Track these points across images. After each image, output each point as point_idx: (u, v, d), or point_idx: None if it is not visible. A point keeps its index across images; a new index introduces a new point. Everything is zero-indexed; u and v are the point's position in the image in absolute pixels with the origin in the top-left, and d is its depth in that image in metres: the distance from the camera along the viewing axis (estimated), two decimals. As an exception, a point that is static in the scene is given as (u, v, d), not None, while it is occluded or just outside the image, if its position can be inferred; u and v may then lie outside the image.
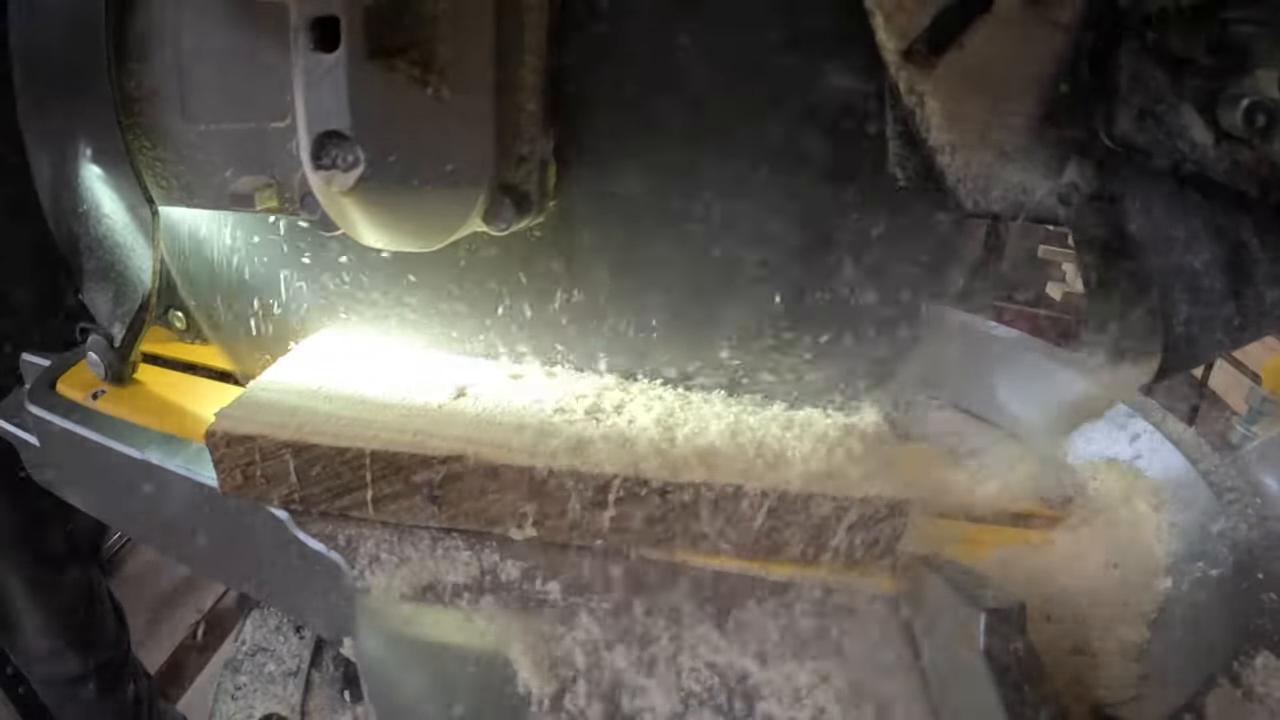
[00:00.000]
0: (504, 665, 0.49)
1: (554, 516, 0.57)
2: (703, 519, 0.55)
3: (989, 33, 0.41)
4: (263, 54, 0.60)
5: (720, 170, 0.57)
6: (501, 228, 0.57)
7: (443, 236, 0.57)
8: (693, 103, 0.56)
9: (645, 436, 0.58)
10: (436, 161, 0.52)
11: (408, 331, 0.71)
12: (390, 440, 0.57)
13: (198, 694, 1.82)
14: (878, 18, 0.42)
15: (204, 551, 0.71)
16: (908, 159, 0.46)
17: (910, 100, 0.42)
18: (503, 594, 0.55)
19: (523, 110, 0.55)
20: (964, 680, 0.44)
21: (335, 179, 0.51)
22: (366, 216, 0.54)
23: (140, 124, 0.68)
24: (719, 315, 0.62)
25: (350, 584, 0.55)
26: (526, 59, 0.53)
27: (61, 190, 0.75)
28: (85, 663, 1.29)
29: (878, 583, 0.55)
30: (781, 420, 0.62)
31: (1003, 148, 0.42)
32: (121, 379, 0.76)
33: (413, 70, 0.49)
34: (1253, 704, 0.45)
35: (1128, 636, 0.52)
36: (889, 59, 0.42)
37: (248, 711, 1.31)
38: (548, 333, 0.67)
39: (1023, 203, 0.43)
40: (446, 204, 0.55)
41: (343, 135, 0.50)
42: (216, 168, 0.66)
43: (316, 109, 0.50)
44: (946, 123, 0.43)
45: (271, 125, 0.62)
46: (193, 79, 0.65)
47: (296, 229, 0.69)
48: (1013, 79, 0.42)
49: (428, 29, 0.49)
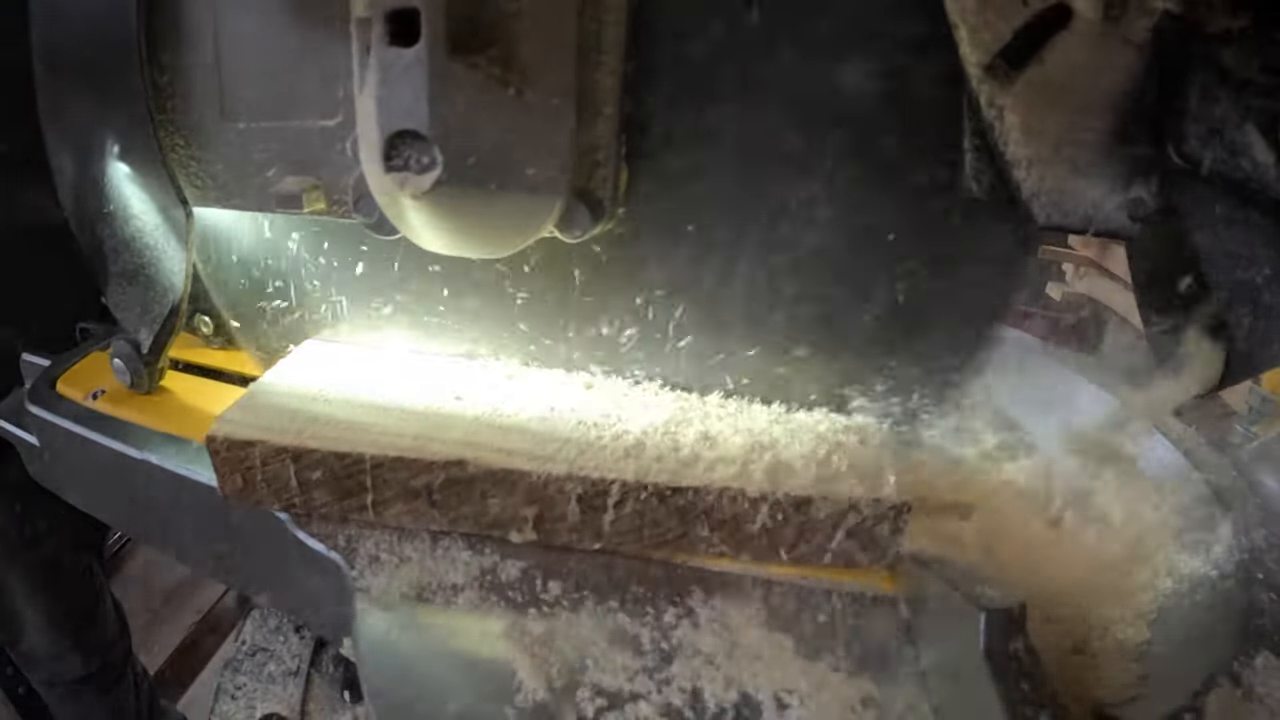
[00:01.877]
0: (503, 665, 0.49)
1: (554, 520, 0.57)
2: (702, 522, 0.55)
3: (1067, 49, 0.41)
4: (312, 48, 0.58)
5: (794, 181, 0.55)
6: (576, 235, 0.54)
7: (514, 243, 0.55)
8: (767, 107, 0.53)
9: (645, 440, 0.58)
10: (516, 165, 0.49)
11: (448, 336, 0.69)
12: (390, 444, 0.57)
13: (198, 694, 1.82)
14: (962, 31, 0.42)
15: (204, 553, 0.71)
16: (983, 172, 0.46)
17: (990, 114, 0.43)
18: (502, 594, 0.55)
19: (600, 113, 0.53)
20: (964, 680, 0.44)
21: (409, 181, 0.48)
22: (436, 221, 0.52)
23: (173, 121, 0.65)
24: (773, 324, 0.60)
25: (350, 584, 0.55)
26: (604, 60, 0.51)
27: (86, 190, 0.72)
28: (86, 663, 1.29)
29: (878, 583, 0.56)
30: (782, 422, 0.62)
31: (1076, 162, 0.43)
32: (148, 386, 0.74)
33: (493, 69, 0.47)
34: (1253, 704, 0.45)
35: (1128, 636, 0.52)
36: (971, 72, 0.43)
37: (248, 711, 1.31)
38: (588, 339, 0.65)
39: (1092, 216, 0.44)
40: (523, 210, 0.52)
41: (419, 135, 0.47)
42: (258, 167, 0.64)
43: (390, 107, 0.47)
44: (1024, 137, 0.43)
45: (320, 124, 0.60)
46: (233, 74, 0.62)
47: (340, 231, 0.67)
48: (1088, 95, 0.42)
49: (510, 25, 0.47)
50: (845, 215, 0.55)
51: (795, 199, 0.55)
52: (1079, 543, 0.61)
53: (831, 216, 0.55)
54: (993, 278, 0.56)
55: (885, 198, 0.54)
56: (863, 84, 0.51)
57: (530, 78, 0.48)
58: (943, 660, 0.48)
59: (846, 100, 0.52)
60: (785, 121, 0.53)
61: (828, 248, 0.57)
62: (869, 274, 0.57)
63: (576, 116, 0.51)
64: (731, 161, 0.55)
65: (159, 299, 0.71)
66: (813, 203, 0.55)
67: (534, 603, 0.54)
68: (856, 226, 0.55)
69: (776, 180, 0.55)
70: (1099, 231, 0.44)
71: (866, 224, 0.55)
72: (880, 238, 0.55)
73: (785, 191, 0.55)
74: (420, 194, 0.47)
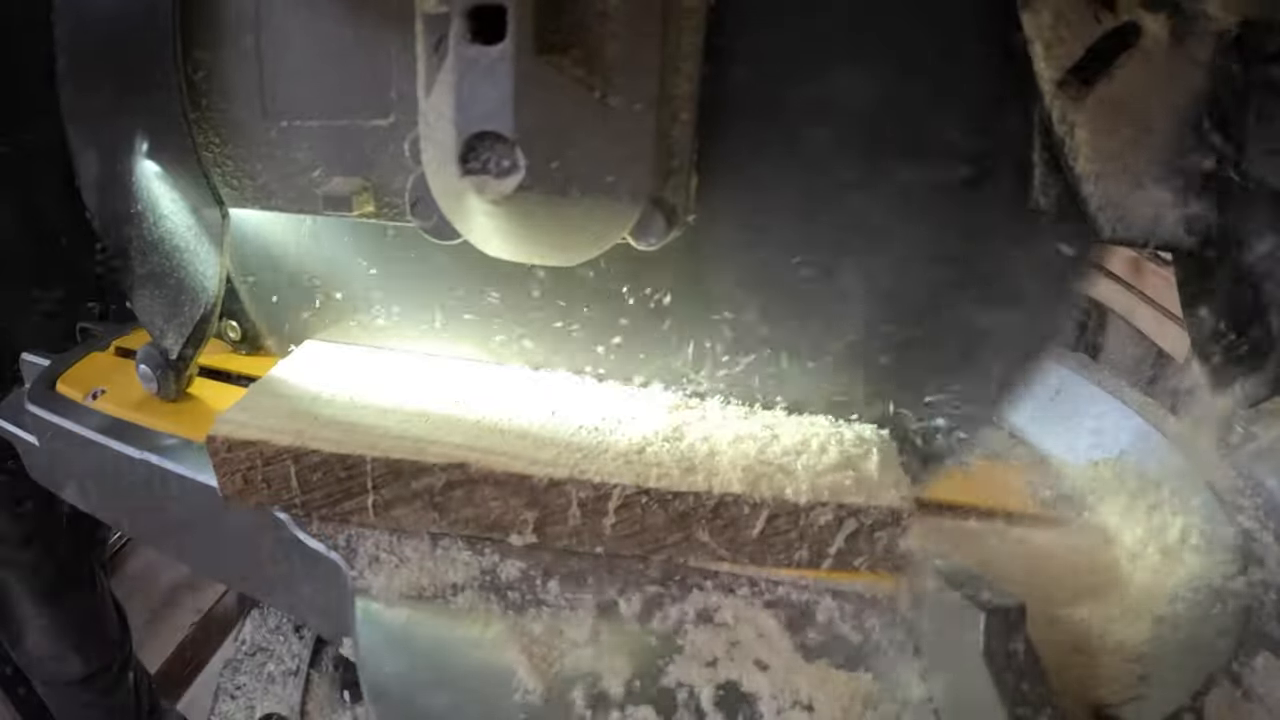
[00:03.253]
0: (503, 665, 0.49)
1: (555, 523, 0.57)
2: (703, 527, 0.55)
3: (1135, 67, 0.42)
4: (364, 44, 0.56)
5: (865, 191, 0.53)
6: (651, 243, 0.53)
7: (589, 251, 0.53)
8: (838, 115, 0.52)
9: (647, 444, 0.58)
10: (598, 171, 0.47)
11: (492, 346, 0.68)
12: (391, 447, 0.57)
13: (198, 694, 1.82)
14: (1037, 47, 0.43)
15: (204, 551, 0.71)
16: (1051, 186, 0.47)
17: (1062, 129, 0.43)
18: (502, 594, 0.55)
19: (677, 119, 0.51)
20: (964, 680, 0.44)
21: (488, 185, 0.45)
22: (510, 227, 0.49)
23: (208, 118, 0.63)
24: (832, 336, 0.59)
25: (350, 584, 0.55)
26: (683, 65, 0.50)
27: (111, 189, 0.69)
28: (88, 665, 1.29)
29: (877, 583, 0.56)
30: (784, 427, 0.62)
31: (1140, 178, 0.44)
32: (175, 394, 0.72)
33: (577, 70, 0.45)
34: (1252, 704, 0.45)
35: (1128, 636, 0.53)
36: (1044, 88, 0.43)
37: (247, 711, 1.32)
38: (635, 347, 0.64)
39: (1154, 230, 0.45)
40: (601, 217, 0.50)
41: (501, 137, 0.44)
42: (301, 168, 0.62)
43: (471, 107, 0.44)
44: (1093, 152, 0.44)
45: (372, 123, 0.58)
46: (276, 70, 0.60)
47: (384, 233, 0.65)
48: (1154, 112, 0.43)
49: (597, 26, 0.45)
50: (907, 229, 0.54)
51: (859, 213, 0.54)
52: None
53: (894, 231, 0.54)
54: (1054, 292, 0.54)
55: (948, 210, 0.53)
56: (933, 95, 0.50)
57: (614, 81, 0.46)
58: (943, 660, 0.48)
59: (918, 112, 0.51)
60: (856, 133, 0.52)
61: (885, 263, 0.55)
62: (926, 291, 0.55)
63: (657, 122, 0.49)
64: (796, 169, 0.54)
65: (189, 303, 0.69)
66: (873, 219, 0.54)
67: (534, 603, 0.54)
68: (920, 241, 0.54)
69: (839, 191, 0.54)
70: (1158, 244, 0.45)
71: (931, 239, 0.54)
72: (943, 251, 0.54)
73: (850, 206, 0.54)
74: (500, 199, 0.45)
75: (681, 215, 0.53)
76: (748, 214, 0.56)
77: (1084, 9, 0.42)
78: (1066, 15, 0.42)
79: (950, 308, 0.55)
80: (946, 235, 0.53)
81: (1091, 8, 0.42)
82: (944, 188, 0.52)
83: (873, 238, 0.54)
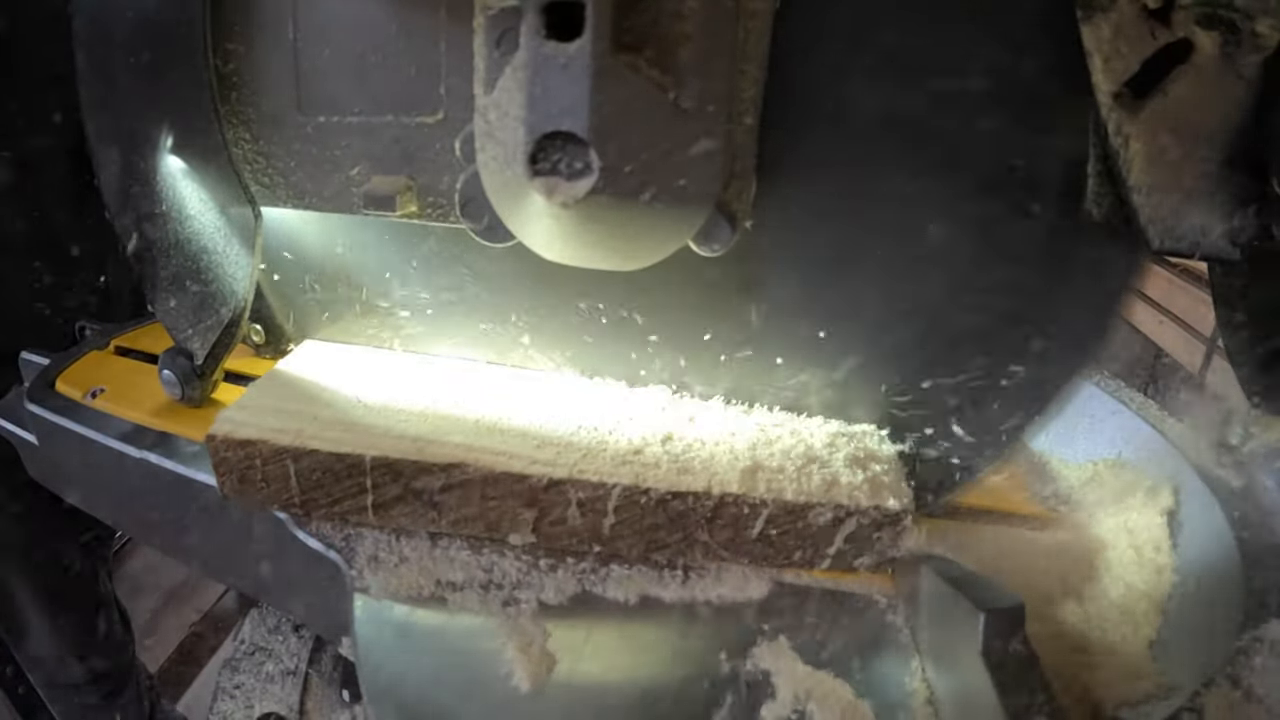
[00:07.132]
0: (501, 665, 0.49)
1: (553, 523, 0.57)
2: (702, 527, 0.55)
3: (1187, 81, 0.43)
4: (410, 38, 0.54)
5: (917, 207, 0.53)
6: (715, 249, 0.52)
7: (652, 256, 0.52)
8: (897, 124, 0.51)
9: (646, 444, 0.58)
10: (670, 175, 0.46)
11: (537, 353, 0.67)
12: (391, 447, 0.57)
13: (198, 694, 1.82)
14: (1096, 60, 0.44)
15: (204, 551, 0.71)
16: (1104, 196, 0.48)
17: (1117, 141, 0.44)
18: (501, 593, 0.55)
19: (741, 123, 0.50)
20: (964, 680, 0.44)
21: (559, 188, 0.44)
22: (576, 231, 0.48)
23: (237, 113, 0.61)
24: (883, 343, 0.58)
25: (349, 584, 0.55)
26: (748, 69, 0.49)
27: (133, 187, 0.66)
28: (90, 668, 1.29)
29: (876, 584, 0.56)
30: (783, 428, 0.62)
31: (1189, 190, 0.45)
32: (200, 400, 0.69)
33: (651, 71, 0.44)
34: (1252, 704, 0.45)
35: (1129, 636, 0.53)
36: (1101, 100, 0.44)
37: (246, 710, 1.31)
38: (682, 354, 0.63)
39: (1200, 242, 0.46)
40: (668, 222, 0.49)
41: (575, 138, 0.43)
42: (339, 165, 0.60)
43: (543, 106, 0.43)
44: (1147, 164, 0.45)
45: (418, 120, 0.56)
46: (313, 64, 0.57)
47: (431, 234, 0.63)
48: (1204, 126, 0.44)
49: (672, 26, 0.44)
50: (951, 238, 0.53)
51: (915, 225, 0.53)
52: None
53: (951, 247, 0.54)
54: (1101, 302, 0.54)
55: (999, 223, 0.52)
56: (995, 109, 0.50)
57: (687, 82, 0.45)
58: (942, 661, 0.48)
59: (980, 123, 0.50)
60: (915, 144, 0.51)
61: (930, 272, 0.54)
62: (969, 300, 0.55)
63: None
64: (855, 176, 0.53)
65: (216, 306, 0.67)
66: (918, 226, 0.53)
67: (532, 602, 0.54)
68: (973, 257, 0.53)
69: (898, 201, 0.53)
70: (1204, 256, 0.46)
71: (982, 253, 0.53)
72: (995, 261, 0.53)
73: (907, 216, 0.53)
74: (572, 201, 0.44)
75: (741, 221, 0.52)
76: (796, 219, 0.55)
77: (1141, 25, 0.43)
78: (1125, 30, 0.43)
79: (994, 318, 0.54)
80: (997, 247, 0.53)
81: (1148, 24, 0.43)
82: (996, 197, 0.51)
83: (912, 244, 0.54)
